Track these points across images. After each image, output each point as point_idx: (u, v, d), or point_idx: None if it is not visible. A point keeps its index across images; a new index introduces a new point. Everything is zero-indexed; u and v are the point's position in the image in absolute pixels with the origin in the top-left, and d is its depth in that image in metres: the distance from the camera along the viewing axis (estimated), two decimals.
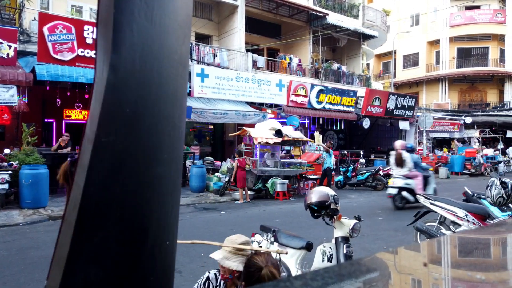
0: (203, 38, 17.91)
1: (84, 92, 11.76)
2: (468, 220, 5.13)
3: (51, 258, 0.58)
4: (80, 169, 0.56)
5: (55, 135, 14.09)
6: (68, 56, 10.61)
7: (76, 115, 14.04)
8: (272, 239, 3.70)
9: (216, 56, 15.75)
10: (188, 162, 13.94)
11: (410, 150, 10.41)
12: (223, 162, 13.44)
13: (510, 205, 5.10)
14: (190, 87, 13.18)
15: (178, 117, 0.68)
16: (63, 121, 14.20)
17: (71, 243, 0.55)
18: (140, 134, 0.60)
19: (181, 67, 0.67)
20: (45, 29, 10.23)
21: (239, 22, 16.97)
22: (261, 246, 3.82)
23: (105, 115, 0.56)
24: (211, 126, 17.67)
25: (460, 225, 5.23)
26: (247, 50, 17.13)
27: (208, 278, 2.57)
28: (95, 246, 0.56)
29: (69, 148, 10.74)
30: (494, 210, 5.17)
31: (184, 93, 0.70)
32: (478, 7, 31.60)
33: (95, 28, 0.63)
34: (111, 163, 0.57)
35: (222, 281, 2.55)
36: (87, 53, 10.86)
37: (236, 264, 2.42)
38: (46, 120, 14.04)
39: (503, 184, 4.85)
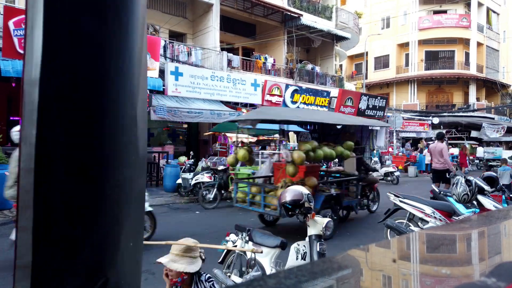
0: (177, 36, 17.67)
1: None
2: (435, 217, 5.33)
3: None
4: (24, 173, 0.52)
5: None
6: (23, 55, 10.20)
7: None
8: (247, 238, 3.71)
9: (191, 54, 15.59)
10: (162, 162, 13.72)
11: None
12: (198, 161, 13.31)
13: (474, 202, 5.34)
14: (164, 85, 12.98)
15: (141, 117, 0.66)
16: None
17: (33, 252, 0.52)
18: (100, 135, 0.58)
19: (138, 66, 0.66)
20: (11, 24, 9.78)
21: (214, 20, 16.86)
22: (236, 246, 3.82)
23: (47, 117, 0.53)
24: (185, 125, 17.48)
25: (427, 222, 5.42)
26: (222, 49, 17.05)
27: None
28: (65, 253, 0.54)
29: None
30: (460, 207, 5.39)
31: (144, 91, 0.69)
32: (445, 12, 32.83)
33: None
34: (68, 167, 0.55)
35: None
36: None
37: (183, 266, 2.40)
38: (11, 118, 13.45)
39: (468, 182, 5.06)
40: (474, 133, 26.43)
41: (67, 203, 0.55)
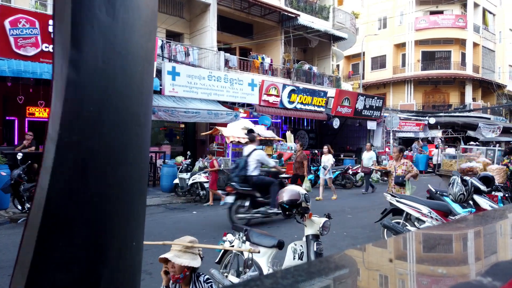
0: (174, 36, 17.64)
1: (49, 89, 11.30)
2: (431, 217, 5.34)
3: (13, 263, 0.55)
4: (44, 171, 0.54)
5: (17, 133, 13.47)
6: (32, 52, 10.16)
7: (40, 113, 13.47)
8: (244, 238, 3.71)
9: (189, 55, 15.57)
10: (159, 162, 13.70)
11: None
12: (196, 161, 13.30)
13: (470, 202, 5.37)
14: (161, 85, 12.96)
15: (144, 115, 0.67)
16: (26, 119, 13.59)
17: (35, 248, 0.53)
18: (105, 133, 0.58)
19: (146, 63, 0.66)
20: (7, 23, 9.74)
21: (211, 20, 16.84)
22: (233, 246, 3.82)
23: (67, 113, 0.54)
24: (182, 125, 17.45)
25: (424, 222, 5.44)
26: (219, 49, 17.04)
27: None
28: (61, 251, 0.54)
29: (33, 148, 10.29)
30: (456, 207, 5.42)
31: (150, 90, 0.69)
32: (441, 12, 32.97)
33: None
34: (76, 164, 0.55)
35: (177, 285, 2.58)
36: (52, 48, 10.45)
37: (188, 261, 2.51)
38: (7, 118, 13.39)
39: (464, 182, 5.09)
40: (470, 133, 26.53)
41: (70, 200, 0.55)
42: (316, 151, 18.43)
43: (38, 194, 0.54)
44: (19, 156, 8.59)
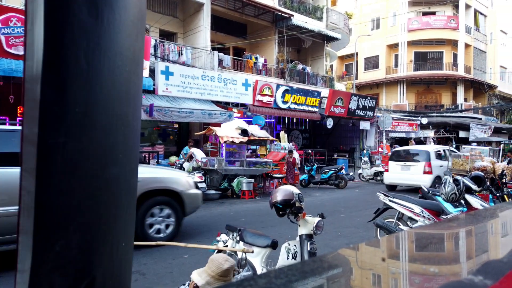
0: (167, 35, 17.57)
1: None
2: (424, 216, 5.39)
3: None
4: (26, 174, 0.52)
5: None
6: (23, 51, 10.06)
7: None
8: (238, 238, 3.71)
9: (182, 54, 15.52)
10: (152, 162, 13.63)
11: None
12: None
13: (462, 201, 5.42)
14: (154, 85, 12.89)
15: (132, 115, 0.66)
16: (17, 118, 13.43)
17: (33, 254, 0.52)
18: (93, 134, 0.58)
19: (134, 64, 0.66)
20: None
21: (204, 20, 16.81)
22: (226, 246, 3.81)
23: (48, 115, 0.53)
24: (176, 125, 17.39)
25: (416, 221, 5.48)
26: (213, 49, 17.01)
27: None
28: (57, 255, 0.54)
29: None
30: (448, 206, 5.46)
31: (138, 91, 0.69)
32: (433, 13, 33.25)
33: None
34: (65, 166, 0.55)
35: None
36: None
37: None
38: None
39: (456, 181, 5.14)
40: (462, 133, 26.79)
41: (63, 204, 0.55)
42: (310, 151, 18.49)
43: (24, 197, 0.52)
44: None
